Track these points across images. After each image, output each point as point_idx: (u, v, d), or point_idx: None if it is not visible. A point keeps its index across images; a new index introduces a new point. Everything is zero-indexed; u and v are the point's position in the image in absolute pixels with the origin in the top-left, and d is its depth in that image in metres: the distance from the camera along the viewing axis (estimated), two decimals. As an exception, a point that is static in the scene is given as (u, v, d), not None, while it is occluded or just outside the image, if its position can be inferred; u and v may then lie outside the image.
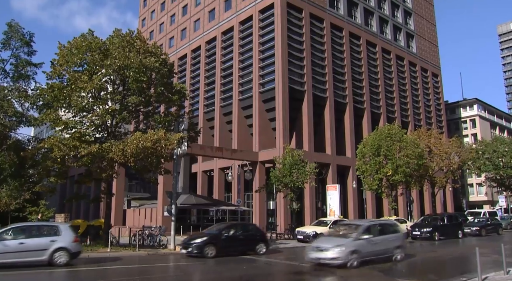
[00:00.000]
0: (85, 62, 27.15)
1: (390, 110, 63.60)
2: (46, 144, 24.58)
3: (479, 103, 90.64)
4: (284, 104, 47.25)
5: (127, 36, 28.10)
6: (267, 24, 51.62)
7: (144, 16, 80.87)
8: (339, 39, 57.73)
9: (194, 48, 63.89)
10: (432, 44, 78.25)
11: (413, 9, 74.89)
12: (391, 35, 67.48)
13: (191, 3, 66.60)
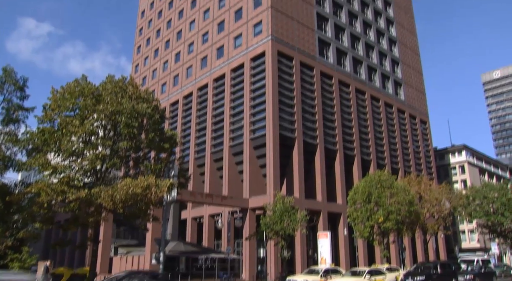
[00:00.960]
0: (77, 107, 27.22)
1: (380, 156, 63.99)
2: (33, 188, 24.17)
3: (467, 149, 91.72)
4: (275, 151, 47.36)
5: (120, 82, 28.39)
6: (258, 72, 52.59)
7: (138, 62, 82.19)
8: (329, 86, 58.83)
9: (186, 94, 64.62)
10: (419, 92, 79.97)
11: (400, 58, 77.02)
12: (379, 83, 68.97)
13: (184, 51, 67.98)
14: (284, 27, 54.29)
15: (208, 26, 63.79)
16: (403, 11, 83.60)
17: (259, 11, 54.65)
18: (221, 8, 62.33)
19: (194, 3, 69.73)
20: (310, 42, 57.68)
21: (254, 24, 54.84)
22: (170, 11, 76.57)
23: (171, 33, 73.44)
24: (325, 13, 62.41)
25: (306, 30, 57.76)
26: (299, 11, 57.78)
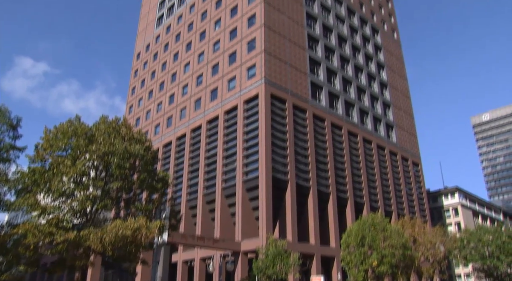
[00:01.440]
0: (69, 147, 27.17)
1: (373, 199, 63.72)
2: (20, 229, 23.68)
3: (460, 191, 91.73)
4: (268, 193, 47.05)
5: (113, 123, 28.50)
6: (252, 114, 53.02)
7: (132, 103, 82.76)
8: (322, 129, 59.28)
9: (179, 135, 64.76)
10: (411, 135, 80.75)
11: (391, 101, 78.20)
12: (371, 126, 69.64)
13: (178, 92, 68.69)
14: (277, 71, 55.28)
15: (203, 68, 64.82)
16: (393, 56, 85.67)
17: (253, 54, 55.77)
18: (216, 51, 63.58)
19: (189, 46, 71.14)
20: (302, 85, 58.61)
21: (248, 67, 55.81)
22: (165, 53, 77.96)
23: (166, 75, 74.45)
24: (317, 57, 63.77)
25: (298, 73, 58.82)
26: (292, 55, 59.04)
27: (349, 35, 73.93)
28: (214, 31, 66.23)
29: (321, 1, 70.58)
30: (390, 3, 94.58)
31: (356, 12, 78.83)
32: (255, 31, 57.23)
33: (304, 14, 65.41)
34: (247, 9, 60.58)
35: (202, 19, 71.15)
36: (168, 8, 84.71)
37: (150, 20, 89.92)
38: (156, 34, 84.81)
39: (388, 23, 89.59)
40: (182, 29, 75.85)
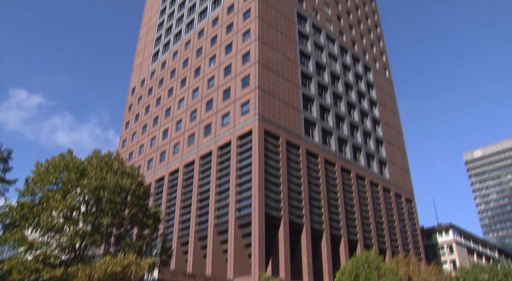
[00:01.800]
0: (60, 181, 26.95)
1: (366, 236, 63.09)
2: (5, 265, 23.10)
3: (454, 228, 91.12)
4: (261, 230, 46.50)
5: (106, 157, 28.42)
6: (245, 150, 53.06)
7: (125, 137, 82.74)
8: (315, 165, 59.30)
9: (172, 170, 64.47)
10: (404, 171, 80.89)
11: (384, 138, 78.75)
12: (364, 162, 69.78)
13: (172, 128, 68.87)
14: (271, 107, 55.77)
15: (197, 104, 65.29)
16: (385, 93, 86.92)
17: (247, 91, 56.39)
18: (210, 87, 64.26)
19: (184, 82, 71.91)
20: (296, 121, 59.04)
21: (241, 104, 56.31)
22: (160, 89, 78.64)
23: (160, 110, 74.84)
24: (311, 94, 64.54)
25: (292, 110, 59.36)
26: (285, 92, 59.75)
27: (342, 72, 75.17)
28: (209, 68, 67.17)
29: (314, 39, 72.14)
30: (381, 42, 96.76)
31: (349, 51, 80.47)
32: (249, 68, 58.10)
33: (298, 52, 66.68)
34: (242, 47, 61.71)
35: (197, 56, 72.30)
36: (164, 44, 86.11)
37: (146, 55, 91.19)
38: (151, 70, 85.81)
39: (380, 61, 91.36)
40: (177, 65, 76.87)
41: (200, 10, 78.89)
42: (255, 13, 62.96)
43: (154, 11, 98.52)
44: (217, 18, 72.23)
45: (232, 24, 67.20)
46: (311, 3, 76.86)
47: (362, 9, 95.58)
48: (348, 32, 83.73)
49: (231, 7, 69.73)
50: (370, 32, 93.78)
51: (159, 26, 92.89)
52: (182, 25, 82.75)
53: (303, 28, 71.39)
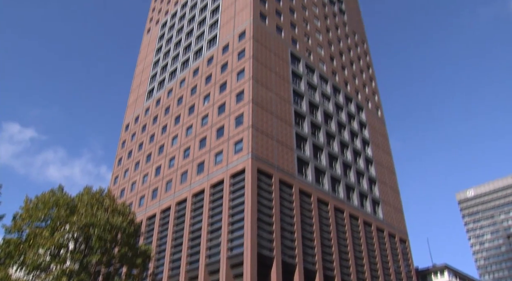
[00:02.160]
0: (49, 218, 26.58)
1: (360, 277, 61.97)
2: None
3: (449, 269, 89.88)
4: (253, 270, 45.62)
5: (97, 194, 28.22)
6: (238, 188, 52.77)
7: (117, 174, 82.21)
8: (308, 205, 58.94)
9: (164, 208, 63.78)
10: (397, 211, 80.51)
11: (377, 177, 78.80)
12: (357, 202, 69.49)
13: (165, 165, 68.65)
14: (264, 146, 55.95)
15: (190, 142, 65.40)
16: (378, 133, 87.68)
17: (240, 129, 56.70)
18: (204, 125, 64.58)
19: (178, 120, 72.27)
20: (289, 160, 59.11)
21: (235, 142, 56.47)
22: (154, 126, 78.90)
23: (153, 147, 74.81)
24: (304, 134, 64.95)
25: (285, 149, 59.55)
26: (278, 130, 60.12)
27: (335, 112, 76.00)
28: (203, 106, 67.74)
29: (307, 79, 73.31)
30: (373, 82, 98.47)
31: (341, 90, 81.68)
32: (243, 107, 58.64)
33: (291, 91, 67.58)
34: (236, 86, 62.51)
35: (191, 94, 73.03)
36: (159, 82, 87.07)
37: (141, 92, 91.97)
38: (145, 107, 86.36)
39: (372, 101, 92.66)
40: (171, 103, 77.48)
41: (195, 49, 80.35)
42: (249, 53, 64.18)
43: (151, 49, 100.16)
44: (212, 57, 73.51)
45: (226, 63, 68.35)
46: (304, 44, 78.60)
47: (355, 50, 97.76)
48: (340, 72, 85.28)
49: (226, 47, 71.12)
50: (363, 72, 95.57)
51: (154, 64, 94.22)
52: (177, 63, 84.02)
53: (296, 68, 72.67)
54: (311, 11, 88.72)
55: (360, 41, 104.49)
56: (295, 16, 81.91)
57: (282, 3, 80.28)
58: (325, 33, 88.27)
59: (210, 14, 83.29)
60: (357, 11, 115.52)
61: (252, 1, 71.68)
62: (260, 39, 67.58)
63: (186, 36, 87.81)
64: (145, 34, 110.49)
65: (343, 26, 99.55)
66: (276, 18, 75.48)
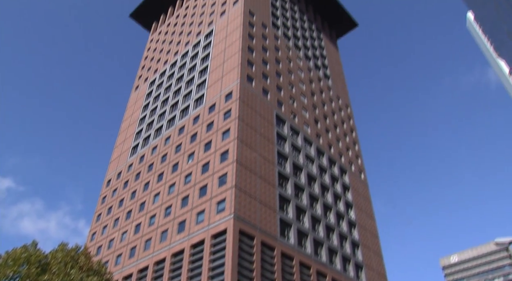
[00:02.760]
0: (18, 276, 25.41)
1: None
2: None
3: None
4: None
5: (72, 251, 27.31)
6: (219, 249, 51.58)
7: (95, 230, 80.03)
8: (290, 268, 57.61)
9: (141, 267, 61.67)
10: (380, 276, 78.89)
11: (360, 241, 77.91)
12: (340, 266, 68.16)
13: (145, 223, 67.23)
14: (247, 207, 55.43)
15: (172, 200, 64.57)
16: (361, 196, 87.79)
17: (223, 189, 56.35)
18: (187, 183, 64.12)
19: (161, 177, 71.73)
20: (271, 222, 58.43)
21: (217, 202, 55.91)
22: (136, 182, 78.03)
23: (134, 204, 73.55)
24: (287, 195, 64.73)
25: (268, 210, 59.04)
26: (262, 192, 59.86)
27: (318, 174, 76.33)
28: (186, 164, 67.59)
29: (292, 141, 74.17)
30: (357, 145, 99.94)
31: (325, 153, 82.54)
32: (227, 167, 58.63)
33: (276, 152, 68.09)
34: (221, 145, 62.86)
35: (176, 152, 73.06)
36: (144, 139, 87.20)
37: (125, 148, 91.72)
38: (129, 163, 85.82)
39: (356, 164, 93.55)
40: (155, 160, 77.22)
41: (182, 107, 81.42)
42: (235, 113, 65.18)
43: (138, 106, 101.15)
44: (198, 116, 74.40)
45: (212, 123, 69.13)
46: (289, 106, 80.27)
47: (338, 114, 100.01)
48: (324, 135, 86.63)
49: (213, 107, 72.25)
50: (346, 136, 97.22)
51: (141, 121, 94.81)
52: (163, 121, 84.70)
53: (281, 130, 73.70)
54: (296, 75, 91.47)
55: (344, 105, 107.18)
56: (281, 79, 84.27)
57: (269, 66, 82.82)
58: (310, 97, 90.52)
59: (199, 74, 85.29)
60: (341, 77, 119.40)
61: (240, 63, 73.84)
62: (246, 100, 68.93)
63: (173, 94, 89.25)
64: (133, 91, 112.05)
65: (327, 90, 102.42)
66: (262, 80, 77.52)
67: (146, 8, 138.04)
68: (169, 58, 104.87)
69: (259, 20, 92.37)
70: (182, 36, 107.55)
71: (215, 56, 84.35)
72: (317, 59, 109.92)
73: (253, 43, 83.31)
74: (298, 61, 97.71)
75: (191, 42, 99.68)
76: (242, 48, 77.70)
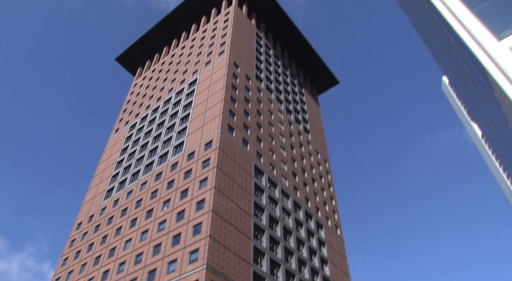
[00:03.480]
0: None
1: None
2: None
3: None
4: None
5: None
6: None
7: (60, 275, 76.76)
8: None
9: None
10: None
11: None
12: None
13: (114, 270, 64.94)
14: (220, 258, 54.23)
15: (144, 247, 62.83)
16: (336, 252, 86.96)
17: (197, 238, 55.24)
18: (160, 231, 62.72)
19: (134, 223, 70.08)
20: (245, 275, 57.08)
21: (190, 251, 54.60)
22: (108, 226, 75.98)
23: (104, 249, 71.21)
24: (262, 248, 63.72)
25: (242, 262, 57.82)
26: (236, 243, 58.84)
27: (294, 228, 75.71)
28: (161, 211, 66.40)
29: (269, 193, 73.94)
30: (334, 201, 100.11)
31: (302, 207, 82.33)
32: (202, 216, 57.79)
33: (252, 204, 67.60)
34: (197, 193, 62.23)
35: (151, 197, 71.92)
36: (120, 182, 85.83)
37: (99, 191, 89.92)
38: (102, 206, 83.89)
39: (332, 219, 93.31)
40: (130, 205, 75.71)
41: (161, 153, 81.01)
42: (214, 162, 65.07)
43: (116, 149, 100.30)
44: (176, 163, 73.99)
45: (190, 170, 68.71)
46: (268, 158, 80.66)
47: (317, 168, 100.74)
48: (302, 189, 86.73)
49: (192, 154, 72.10)
50: (324, 190, 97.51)
51: (118, 164, 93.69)
52: (141, 165, 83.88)
53: (259, 181, 73.61)
54: (277, 128, 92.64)
55: (323, 160, 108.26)
56: (262, 131, 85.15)
57: (250, 117, 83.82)
58: (289, 150, 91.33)
59: (180, 121, 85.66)
60: (321, 132, 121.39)
61: (222, 113, 74.63)
62: (226, 150, 69.10)
63: (153, 139, 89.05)
64: (112, 133, 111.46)
65: (307, 144, 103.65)
66: (243, 131, 78.17)
67: (132, 53, 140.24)
68: (151, 103, 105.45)
69: (243, 72, 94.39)
70: (166, 82, 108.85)
71: (197, 104, 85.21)
72: (298, 113, 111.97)
73: (236, 94, 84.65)
74: (279, 114, 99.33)
75: (174, 89, 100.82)
76: (224, 98, 78.81)
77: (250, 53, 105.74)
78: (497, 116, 26.49)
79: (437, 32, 34.11)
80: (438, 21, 29.27)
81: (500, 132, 30.15)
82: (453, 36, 25.84)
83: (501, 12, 22.06)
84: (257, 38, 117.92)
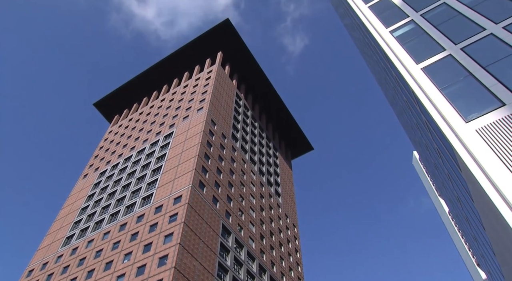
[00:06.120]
0: None
1: None
2: None
3: None
4: None
5: None
6: None
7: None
8: None
9: None
10: None
11: None
12: None
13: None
14: (177, 318, 51.90)
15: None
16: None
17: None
18: (124, 261, 60.44)
19: (91, 275, 66.83)
20: None
21: (147, 308, 52.24)
22: (61, 276, 72.09)
23: None
24: (221, 311, 61.43)
25: (199, 325, 55.40)
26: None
27: (257, 293, 73.53)
28: (121, 263, 63.84)
29: (235, 254, 72.29)
30: (300, 267, 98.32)
31: (267, 271, 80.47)
32: (163, 272, 55.77)
33: (217, 264, 65.78)
34: (161, 249, 60.38)
35: (112, 249, 69.31)
36: (82, 230, 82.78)
37: (58, 237, 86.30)
38: (59, 254, 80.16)
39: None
40: (88, 254, 72.62)
41: (128, 203, 79.16)
42: (182, 218, 63.81)
43: (82, 195, 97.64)
44: (143, 215, 72.23)
45: (156, 224, 67.05)
46: (237, 218, 79.66)
47: (285, 232, 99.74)
48: (269, 252, 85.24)
49: (160, 208, 70.67)
50: (290, 255, 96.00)
51: (82, 210, 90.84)
52: (106, 214, 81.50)
53: (226, 241, 72.14)
54: (248, 188, 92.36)
55: (292, 224, 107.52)
56: (233, 190, 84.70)
57: (222, 176, 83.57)
58: (259, 211, 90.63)
59: (151, 173, 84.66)
60: (291, 196, 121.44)
61: (195, 169, 74.28)
62: (195, 206, 68.09)
63: (122, 189, 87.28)
64: (80, 178, 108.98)
65: (277, 207, 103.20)
66: (214, 189, 77.59)
67: (111, 100, 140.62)
68: (124, 152, 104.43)
69: (219, 130, 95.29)
70: (142, 132, 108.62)
71: (171, 157, 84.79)
72: (270, 175, 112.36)
73: (211, 151, 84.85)
74: (252, 174, 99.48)
75: (150, 140, 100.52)
76: (199, 154, 78.79)
77: (229, 112, 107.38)
78: (463, 194, 27.20)
79: (409, 109, 35.60)
80: (410, 98, 30.67)
81: (465, 210, 30.83)
82: (424, 114, 26.99)
83: (469, 97, 23.36)
84: (237, 98, 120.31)
